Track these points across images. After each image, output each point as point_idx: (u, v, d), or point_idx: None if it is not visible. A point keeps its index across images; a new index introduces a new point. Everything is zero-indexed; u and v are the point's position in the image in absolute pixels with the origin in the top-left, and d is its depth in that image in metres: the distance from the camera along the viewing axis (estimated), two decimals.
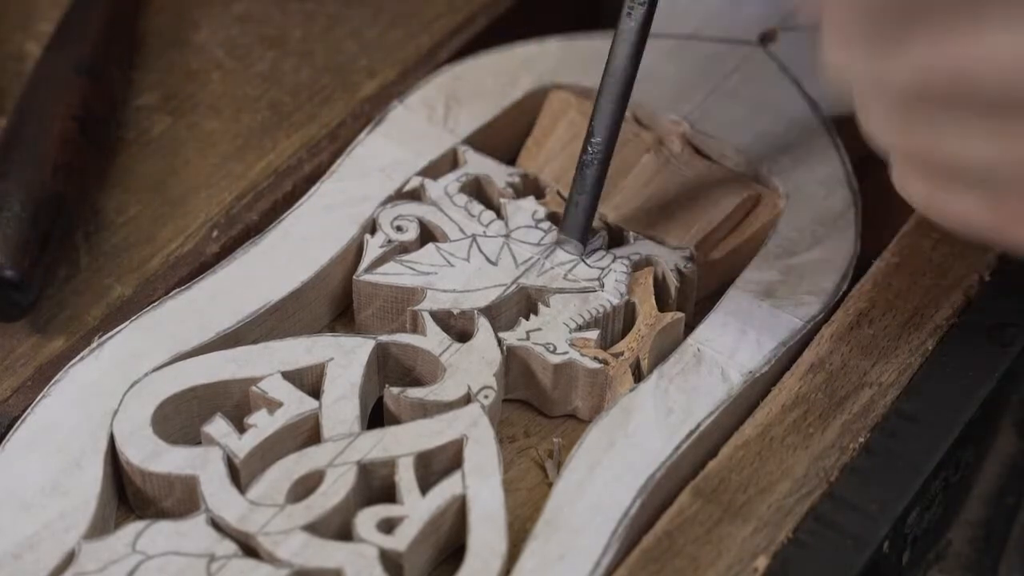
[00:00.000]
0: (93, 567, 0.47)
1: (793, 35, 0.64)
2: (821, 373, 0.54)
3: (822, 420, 0.52)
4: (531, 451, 0.54)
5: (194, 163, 0.62)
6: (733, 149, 0.60)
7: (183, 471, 0.50)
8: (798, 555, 0.49)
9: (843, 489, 0.51)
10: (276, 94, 0.65)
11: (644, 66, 0.53)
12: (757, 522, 0.50)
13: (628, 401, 0.52)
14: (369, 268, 0.56)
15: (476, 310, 0.54)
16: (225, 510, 0.49)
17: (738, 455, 0.51)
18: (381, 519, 0.49)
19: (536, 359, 0.54)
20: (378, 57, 0.67)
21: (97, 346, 0.53)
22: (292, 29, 0.68)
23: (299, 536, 0.48)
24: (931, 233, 0.58)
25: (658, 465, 0.50)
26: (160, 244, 0.59)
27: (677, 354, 0.54)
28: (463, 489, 0.50)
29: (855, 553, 0.49)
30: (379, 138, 0.60)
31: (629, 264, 0.56)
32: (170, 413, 0.52)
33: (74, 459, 0.50)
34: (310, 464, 0.50)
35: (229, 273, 0.56)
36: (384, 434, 0.51)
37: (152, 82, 0.66)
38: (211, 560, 0.48)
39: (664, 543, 0.49)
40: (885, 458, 0.51)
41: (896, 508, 0.50)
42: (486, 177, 0.59)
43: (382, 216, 0.58)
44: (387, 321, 0.56)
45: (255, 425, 0.51)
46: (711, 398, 0.52)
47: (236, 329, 0.54)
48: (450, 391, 0.52)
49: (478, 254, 0.56)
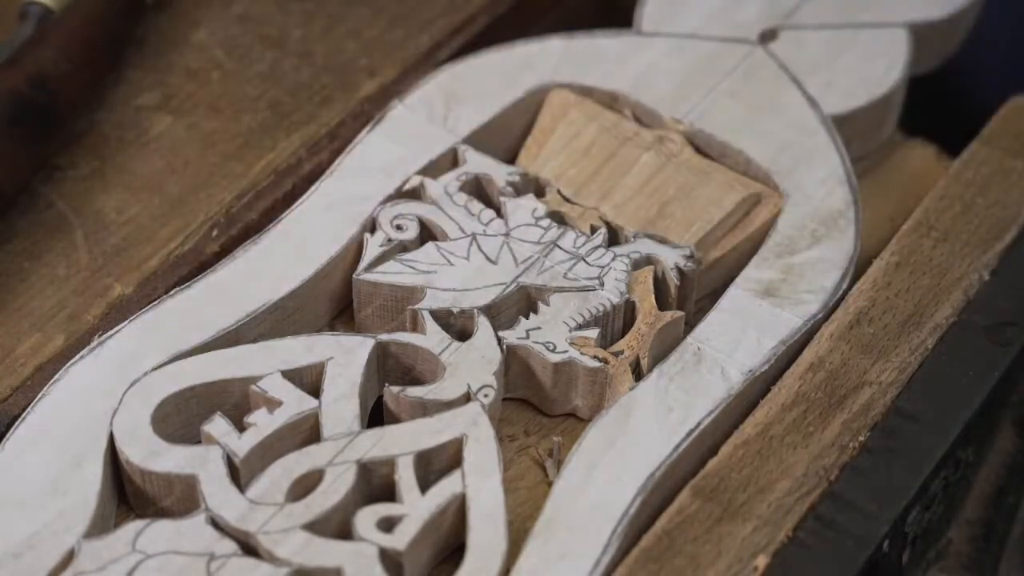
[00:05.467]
0: (93, 566, 0.47)
1: (793, 35, 0.64)
2: (821, 372, 0.54)
3: (822, 419, 0.52)
4: (531, 450, 0.54)
5: (194, 163, 0.62)
6: (733, 148, 0.60)
7: (183, 470, 0.50)
8: (798, 554, 0.49)
9: (843, 488, 0.51)
10: (276, 94, 0.65)
11: (644, 66, 0.53)
12: (757, 521, 0.50)
13: (628, 400, 0.52)
14: (369, 267, 0.56)
15: (476, 309, 0.54)
16: (225, 509, 0.49)
17: (738, 454, 0.51)
18: (381, 518, 0.49)
19: (536, 358, 0.54)
20: (378, 57, 0.67)
21: (97, 345, 0.53)
22: (292, 29, 0.68)
23: (299, 535, 0.48)
24: (931, 233, 0.58)
25: (658, 464, 0.50)
26: (160, 243, 0.59)
27: (677, 353, 0.54)
28: (463, 488, 0.50)
29: (855, 552, 0.49)
30: (379, 137, 0.60)
31: (629, 263, 0.56)
32: (170, 412, 0.52)
33: (74, 458, 0.50)
34: (310, 463, 0.50)
35: (229, 272, 0.56)
36: (384, 433, 0.51)
37: (152, 82, 0.66)
38: (211, 559, 0.48)
39: (664, 542, 0.49)
40: (885, 457, 0.51)
41: (896, 508, 0.50)
42: (486, 176, 0.59)
43: (382, 215, 0.58)
44: (387, 320, 0.56)
45: (255, 424, 0.51)
46: (711, 397, 0.52)
47: (236, 328, 0.54)
48: (450, 390, 0.52)
49: (478, 253, 0.56)
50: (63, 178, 0.62)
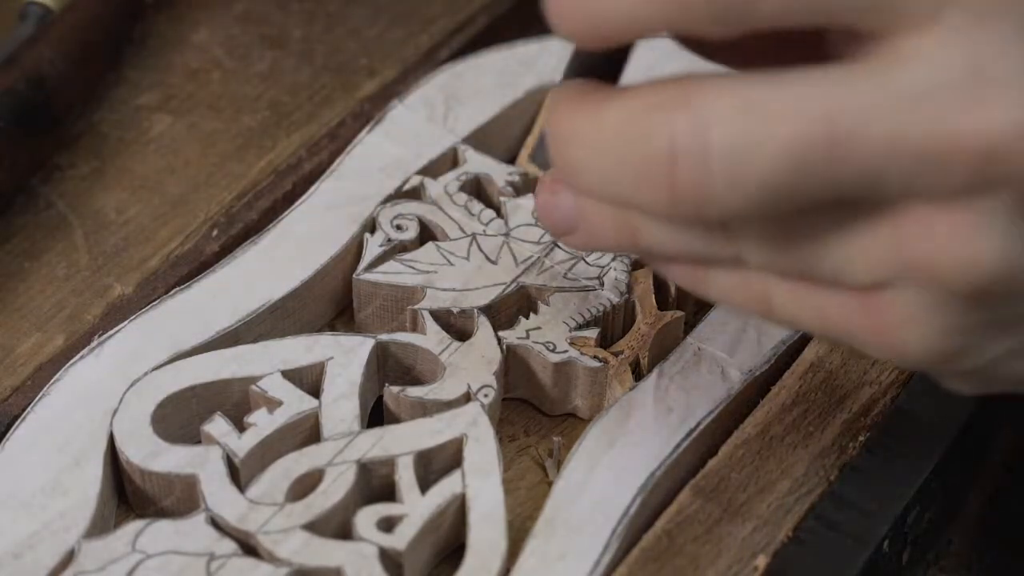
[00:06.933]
0: (93, 566, 0.47)
1: None
2: (821, 372, 0.54)
3: (822, 419, 0.52)
4: (531, 450, 0.54)
5: (194, 163, 0.62)
6: None
7: (183, 470, 0.50)
8: (798, 554, 0.49)
9: (843, 488, 0.51)
10: (276, 94, 0.65)
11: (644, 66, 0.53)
12: (757, 521, 0.50)
13: (628, 400, 0.52)
14: (369, 267, 0.56)
15: (476, 309, 0.54)
16: (225, 509, 0.49)
17: (738, 454, 0.51)
18: (381, 518, 0.49)
19: (536, 358, 0.54)
20: (378, 57, 0.67)
21: (97, 345, 0.53)
22: (292, 29, 0.68)
23: (299, 535, 0.48)
24: None
25: (658, 464, 0.50)
26: (160, 243, 0.59)
27: (677, 353, 0.54)
28: (463, 488, 0.50)
29: (855, 552, 0.49)
30: (379, 137, 0.60)
31: (629, 262, 0.56)
32: (170, 412, 0.52)
33: (74, 458, 0.50)
34: (310, 463, 0.50)
35: (229, 272, 0.56)
36: (384, 433, 0.51)
37: (152, 82, 0.66)
38: (211, 559, 0.48)
39: (664, 542, 0.49)
40: (885, 457, 0.51)
41: (896, 508, 0.50)
42: (486, 176, 0.59)
43: (382, 215, 0.58)
44: (387, 320, 0.56)
45: (255, 424, 0.51)
46: (711, 397, 0.52)
47: (236, 328, 0.54)
48: (450, 390, 0.52)
49: (478, 253, 0.56)
50: (63, 178, 0.62)
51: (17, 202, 0.60)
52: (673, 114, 0.40)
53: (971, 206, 0.39)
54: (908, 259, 0.40)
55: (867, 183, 0.39)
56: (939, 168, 0.39)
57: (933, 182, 0.39)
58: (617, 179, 0.41)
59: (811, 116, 0.39)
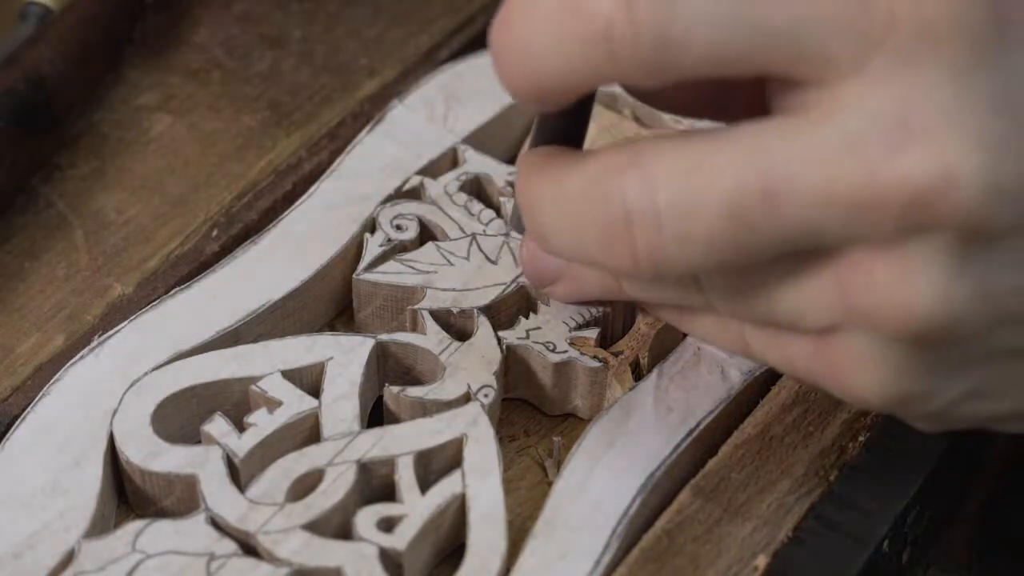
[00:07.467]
0: (93, 566, 0.47)
1: None
2: None
3: (822, 419, 0.52)
4: (531, 450, 0.54)
5: (194, 163, 0.62)
6: None
7: (183, 470, 0.50)
8: (798, 554, 0.49)
9: (843, 488, 0.51)
10: (276, 94, 0.65)
11: None
12: (757, 521, 0.50)
13: (628, 400, 0.52)
14: (369, 267, 0.56)
15: (476, 309, 0.54)
16: (225, 509, 0.49)
17: (738, 454, 0.51)
18: (381, 518, 0.49)
19: (536, 358, 0.54)
20: (378, 57, 0.67)
21: (97, 345, 0.53)
22: (292, 29, 0.68)
23: (299, 535, 0.48)
24: None
25: (658, 464, 0.50)
26: (160, 243, 0.59)
27: (677, 353, 0.54)
28: (463, 488, 0.50)
29: (855, 552, 0.49)
30: (379, 137, 0.60)
31: None
32: (170, 412, 0.52)
33: (74, 458, 0.50)
34: (310, 463, 0.50)
35: (229, 272, 0.56)
36: (384, 433, 0.51)
37: (152, 82, 0.66)
38: (211, 559, 0.48)
39: (664, 542, 0.49)
40: (885, 457, 0.51)
41: (896, 508, 0.50)
42: (486, 176, 0.59)
43: (382, 215, 0.58)
44: (387, 320, 0.56)
45: (255, 424, 0.51)
46: (711, 397, 0.52)
47: (236, 328, 0.54)
48: (450, 390, 0.52)
49: (478, 253, 0.56)
50: (63, 178, 0.62)
51: (17, 202, 0.60)
52: (625, 177, 0.41)
53: (907, 251, 0.39)
54: (851, 305, 0.41)
55: (806, 233, 0.40)
56: (869, 216, 0.39)
57: (866, 230, 0.39)
58: (583, 243, 0.43)
59: (746, 171, 0.39)
